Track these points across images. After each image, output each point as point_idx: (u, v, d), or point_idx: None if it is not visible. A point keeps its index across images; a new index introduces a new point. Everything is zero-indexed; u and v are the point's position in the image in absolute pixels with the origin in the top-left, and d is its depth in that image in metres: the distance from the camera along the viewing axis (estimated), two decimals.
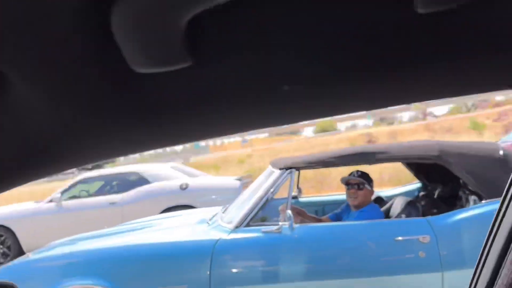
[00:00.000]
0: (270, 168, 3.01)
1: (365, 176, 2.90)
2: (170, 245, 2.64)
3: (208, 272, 2.47)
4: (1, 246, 5.90)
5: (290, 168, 2.78)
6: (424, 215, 2.76)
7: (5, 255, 5.73)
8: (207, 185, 6.31)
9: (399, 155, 2.77)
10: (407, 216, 2.79)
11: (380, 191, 3.97)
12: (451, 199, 3.05)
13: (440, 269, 2.41)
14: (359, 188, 2.82)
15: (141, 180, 6.42)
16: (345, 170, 3.22)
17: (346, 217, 2.95)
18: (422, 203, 3.29)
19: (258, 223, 2.65)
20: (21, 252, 5.32)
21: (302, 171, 3.17)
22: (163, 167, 7.15)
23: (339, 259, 2.51)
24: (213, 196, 5.90)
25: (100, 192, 6.46)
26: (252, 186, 3.10)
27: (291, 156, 3.04)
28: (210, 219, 3.00)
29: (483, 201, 2.53)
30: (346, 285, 2.45)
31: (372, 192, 2.89)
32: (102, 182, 6.64)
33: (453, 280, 2.39)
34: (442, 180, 3.21)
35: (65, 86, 0.31)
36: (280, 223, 2.60)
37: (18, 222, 5.88)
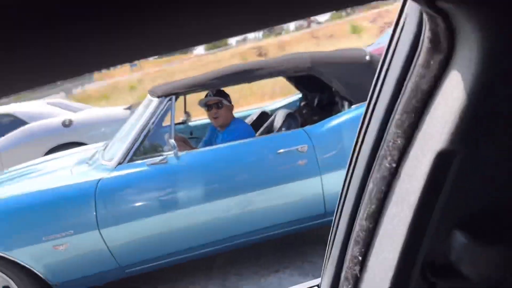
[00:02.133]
0: (148, 97, 2.86)
1: (221, 93, 2.88)
2: (50, 192, 2.45)
3: (94, 213, 2.38)
4: None
5: (169, 95, 2.66)
6: (306, 123, 2.90)
7: None
8: (93, 119, 5.89)
9: (275, 70, 2.79)
10: (287, 128, 2.91)
11: (265, 105, 4.07)
12: (329, 106, 3.24)
13: (319, 173, 2.61)
14: (218, 107, 2.83)
15: (17, 122, 5.77)
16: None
17: (215, 138, 2.96)
18: (304, 112, 3.47)
19: (142, 157, 2.55)
20: None
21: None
22: (41, 105, 6.46)
23: (225, 180, 2.57)
24: (102, 129, 5.56)
25: None
26: (133, 118, 2.94)
27: (170, 81, 2.88)
28: (90, 159, 2.83)
29: (353, 106, 2.72)
30: (234, 202, 2.54)
31: (231, 107, 2.90)
32: None
33: (331, 181, 2.62)
34: (320, 89, 3.36)
35: None
36: (164, 153, 2.54)
37: None
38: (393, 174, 0.52)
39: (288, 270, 2.74)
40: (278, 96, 9.60)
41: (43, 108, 6.19)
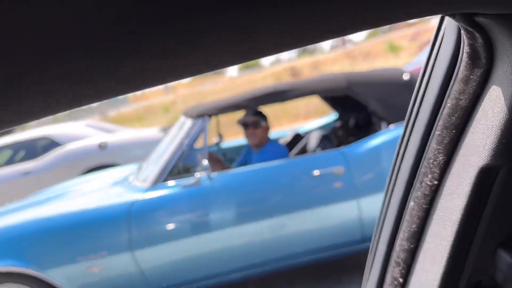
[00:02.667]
0: (182, 118, 2.87)
1: (259, 114, 2.87)
2: (85, 213, 2.48)
3: (128, 235, 2.37)
4: None
5: (203, 115, 2.66)
6: (341, 144, 2.83)
7: None
8: (127, 140, 6.00)
9: (310, 90, 2.75)
10: (322, 149, 2.84)
11: (299, 126, 4.02)
12: (365, 127, 3.15)
13: (355, 196, 2.51)
14: (256, 127, 2.81)
15: (53, 144, 5.97)
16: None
17: (250, 159, 2.94)
18: (339, 132, 3.38)
19: (175, 177, 2.54)
20: None
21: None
22: (77, 127, 6.67)
23: (258, 202, 2.51)
24: (137, 151, 5.66)
25: (10, 162, 5.92)
26: (167, 139, 2.96)
27: (204, 102, 2.89)
28: (125, 180, 2.85)
29: (390, 126, 2.62)
30: (267, 226, 2.48)
31: (267, 128, 2.88)
32: (11, 151, 6.06)
33: (368, 205, 2.52)
34: (356, 109, 3.28)
35: None
36: (197, 174, 2.52)
37: None
38: (435, 192, 0.52)
39: None
40: (313, 116, 9.55)
41: (80, 130, 6.39)
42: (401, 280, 0.59)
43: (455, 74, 0.46)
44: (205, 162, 2.50)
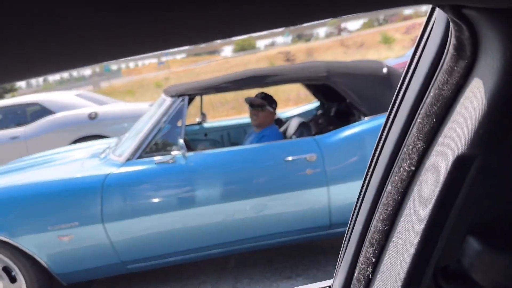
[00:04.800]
0: (162, 96, 2.89)
1: (267, 98, 2.93)
2: (59, 183, 2.51)
3: (100, 208, 2.42)
4: None
5: (182, 95, 2.69)
6: (321, 132, 2.88)
7: None
8: (117, 113, 6.02)
9: (290, 77, 2.78)
10: (299, 136, 2.89)
11: (282, 112, 4.06)
12: (346, 117, 3.20)
13: (326, 184, 2.57)
14: (261, 109, 2.88)
15: (44, 111, 5.96)
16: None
17: (249, 138, 3.01)
18: (320, 121, 3.43)
19: (151, 154, 2.58)
20: None
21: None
22: (68, 96, 6.63)
23: (230, 183, 2.56)
24: (125, 125, 5.67)
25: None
26: (146, 116, 2.98)
27: (185, 82, 2.91)
28: (101, 153, 2.87)
29: (365, 118, 2.68)
30: (237, 207, 2.53)
31: (273, 113, 2.94)
32: (0, 115, 6.04)
33: (338, 193, 2.59)
34: (338, 98, 3.32)
35: None
36: (173, 152, 2.56)
37: None
38: (412, 177, 0.53)
39: (301, 278, 2.72)
40: (303, 102, 9.58)
41: (70, 99, 6.35)
42: (373, 259, 0.62)
43: (441, 64, 0.47)
44: (181, 141, 2.53)
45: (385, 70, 2.81)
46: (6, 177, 2.77)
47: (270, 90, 3.11)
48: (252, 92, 3.07)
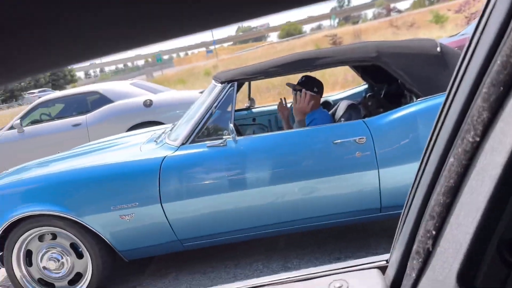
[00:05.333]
0: (212, 82, 2.97)
1: (311, 81, 2.92)
2: (120, 166, 2.67)
3: (158, 189, 2.56)
4: None
5: (231, 81, 2.75)
6: (370, 115, 2.85)
7: None
8: (170, 101, 6.28)
9: (339, 59, 2.76)
10: (348, 119, 2.87)
11: (329, 95, 4.03)
12: (397, 99, 3.13)
13: (376, 166, 2.56)
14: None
15: (103, 100, 6.31)
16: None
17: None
18: (369, 103, 3.39)
19: (203, 139, 2.68)
20: None
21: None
22: (124, 85, 6.97)
23: (279, 166, 2.61)
24: (177, 111, 5.90)
25: (62, 114, 6.34)
26: (198, 102, 3.08)
27: (233, 68, 2.98)
28: (157, 138, 3.02)
29: (418, 99, 2.61)
30: (286, 190, 2.58)
31: (318, 97, 2.93)
32: (63, 105, 6.47)
33: (388, 176, 2.56)
34: (388, 80, 3.26)
35: None
36: (224, 137, 2.65)
37: None
38: (476, 148, 0.52)
39: (350, 259, 2.75)
40: (350, 85, 9.40)
41: (126, 88, 6.66)
42: (434, 232, 0.61)
43: (509, 31, 0.45)
44: (231, 126, 2.61)
45: (438, 48, 2.72)
46: (72, 161, 2.99)
47: (316, 74, 3.09)
48: (299, 77, 3.08)
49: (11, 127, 6.12)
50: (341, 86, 10.28)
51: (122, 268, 3.07)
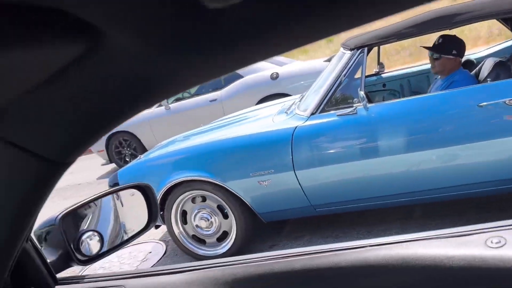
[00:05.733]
0: (341, 49, 2.95)
1: (449, 42, 2.71)
2: (256, 137, 2.88)
3: (291, 157, 2.70)
4: (129, 149, 6.95)
5: (361, 47, 2.70)
6: None
7: (133, 156, 6.74)
8: (296, 72, 6.43)
9: (484, 13, 2.47)
10: (495, 79, 2.60)
11: (470, 53, 3.65)
12: None
13: None
14: (441, 55, 2.70)
15: (235, 75, 6.75)
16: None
17: (435, 86, 2.86)
18: None
19: (334, 107, 2.71)
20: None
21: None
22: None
23: (415, 133, 2.51)
24: (304, 82, 6.02)
25: (199, 91, 6.97)
26: (326, 71, 3.10)
27: (362, 33, 2.89)
28: (288, 109, 3.15)
29: None
30: (424, 157, 2.48)
31: (457, 58, 2.71)
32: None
33: None
34: None
35: (150, 31, 0.37)
36: (355, 104, 2.64)
37: (138, 127, 6.77)
38: None
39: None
40: (496, 40, 8.26)
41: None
42: None
43: None
44: (362, 93, 2.58)
45: None
46: (214, 133, 3.32)
47: (455, 29, 2.83)
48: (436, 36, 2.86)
49: (159, 105, 6.93)
50: (484, 41, 9.10)
51: (261, 229, 3.34)
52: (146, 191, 1.12)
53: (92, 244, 0.98)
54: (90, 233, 0.99)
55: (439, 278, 0.75)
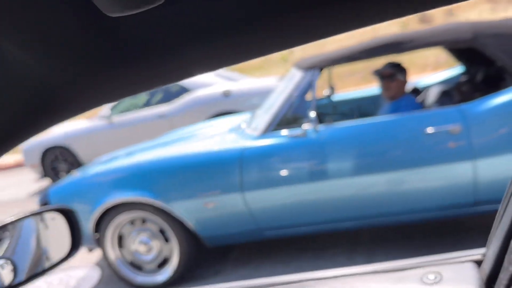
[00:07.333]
0: (292, 69, 2.92)
1: (397, 67, 2.76)
2: (203, 155, 2.75)
3: (239, 178, 2.59)
4: (66, 163, 6.47)
5: (314, 68, 2.68)
6: (465, 101, 2.61)
7: (70, 172, 6.32)
8: (248, 90, 6.33)
9: (431, 41, 2.54)
10: (440, 105, 2.65)
11: (418, 79, 3.76)
12: (495, 83, 2.83)
13: (471, 157, 2.33)
14: (391, 80, 2.73)
15: (183, 89, 6.56)
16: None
17: (383, 110, 2.89)
18: (464, 88, 3.10)
19: (283, 127, 2.65)
20: None
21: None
22: (205, 74, 7.17)
23: (363, 156, 2.50)
24: (256, 100, 5.95)
25: (148, 104, 6.71)
26: (277, 90, 3.05)
27: (315, 54, 2.89)
28: (239, 127, 3.05)
29: None
30: (371, 181, 2.47)
31: (405, 82, 2.77)
32: (148, 95, 6.85)
33: (485, 167, 2.33)
34: (485, 62, 2.95)
35: (50, 44, 0.35)
36: (305, 126, 2.59)
37: (75, 140, 6.33)
38: None
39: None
40: (443, 67, 8.72)
41: (207, 78, 6.85)
42: None
43: None
44: (313, 114, 2.55)
45: None
46: (158, 150, 3.14)
47: (404, 56, 2.89)
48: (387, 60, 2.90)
49: (102, 117, 6.59)
50: (432, 68, 9.58)
51: (206, 254, 3.18)
52: (69, 216, 0.98)
53: (3, 274, 0.84)
54: (1, 261, 0.85)
55: None
